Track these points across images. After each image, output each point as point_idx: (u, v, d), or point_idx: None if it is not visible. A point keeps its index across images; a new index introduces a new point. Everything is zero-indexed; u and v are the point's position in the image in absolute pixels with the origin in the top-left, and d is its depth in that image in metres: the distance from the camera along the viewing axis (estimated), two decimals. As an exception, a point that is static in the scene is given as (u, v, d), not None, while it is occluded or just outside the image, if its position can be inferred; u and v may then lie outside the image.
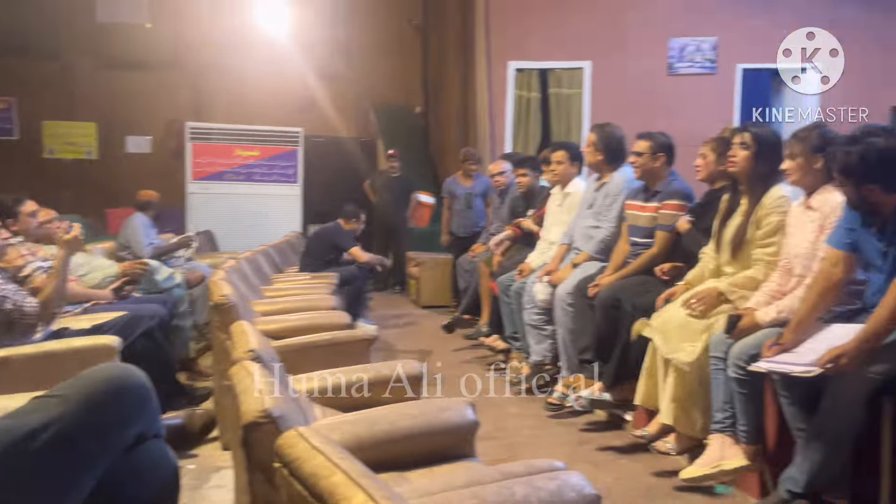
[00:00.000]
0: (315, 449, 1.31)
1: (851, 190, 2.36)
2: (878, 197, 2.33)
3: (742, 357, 2.66)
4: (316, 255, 5.97)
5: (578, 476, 1.82)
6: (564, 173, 4.60)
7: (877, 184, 2.31)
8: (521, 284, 4.52)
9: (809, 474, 2.41)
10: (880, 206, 2.34)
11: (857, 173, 2.32)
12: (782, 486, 2.48)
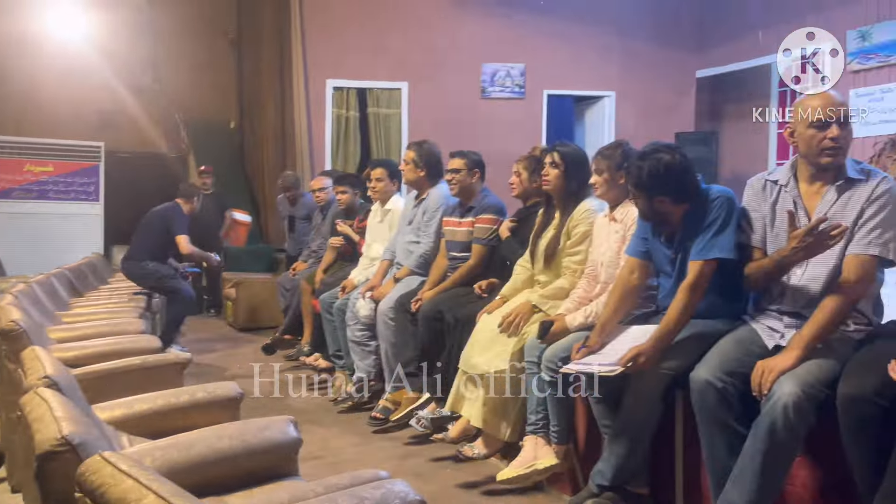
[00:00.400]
0: (123, 473, 1.22)
1: (644, 202, 2.57)
2: (668, 207, 2.56)
3: (553, 360, 2.81)
4: (145, 243, 5.51)
5: (402, 483, 1.83)
6: (385, 190, 4.66)
7: (666, 195, 2.54)
8: (343, 301, 4.49)
9: (615, 467, 2.58)
10: (669, 216, 2.58)
11: (647, 186, 2.53)
12: (592, 481, 2.64)
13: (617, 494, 2.59)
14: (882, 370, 2.01)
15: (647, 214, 2.60)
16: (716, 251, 2.43)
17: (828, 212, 2.28)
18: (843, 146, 2.27)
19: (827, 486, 2.28)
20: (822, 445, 2.23)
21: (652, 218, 2.60)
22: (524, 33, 8.24)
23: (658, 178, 2.51)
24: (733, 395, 2.25)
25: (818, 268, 2.29)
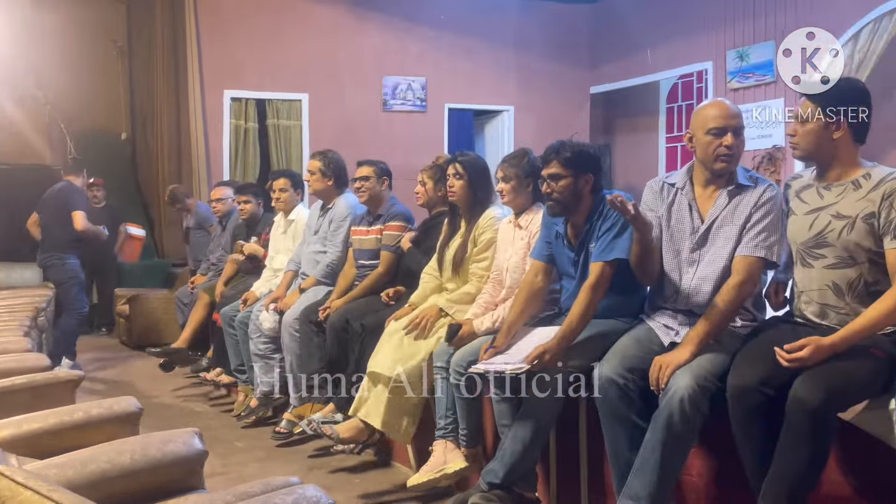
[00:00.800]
0: (20, 485, 1.16)
1: (570, 182, 2.64)
2: (587, 190, 2.67)
3: (462, 364, 2.86)
4: (55, 231, 5.36)
5: (314, 488, 1.82)
6: (289, 200, 4.61)
7: (592, 174, 2.68)
8: (246, 314, 4.39)
9: (508, 466, 2.62)
10: (582, 203, 2.67)
11: (577, 164, 2.65)
12: (483, 479, 2.68)
13: (505, 493, 2.63)
14: (767, 362, 2.15)
15: (568, 197, 2.66)
16: (616, 252, 2.54)
17: (719, 215, 2.43)
18: (735, 154, 2.42)
19: (720, 474, 2.41)
20: (715, 437, 2.35)
21: (570, 201, 2.67)
22: (425, 48, 8.34)
23: (588, 158, 2.68)
24: (634, 391, 2.35)
25: (709, 268, 2.43)
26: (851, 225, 2.19)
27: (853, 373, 2.07)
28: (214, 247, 5.62)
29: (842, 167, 2.28)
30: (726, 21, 7.27)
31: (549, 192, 2.67)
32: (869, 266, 2.19)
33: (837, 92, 2.27)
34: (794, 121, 2.32)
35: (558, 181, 2.65)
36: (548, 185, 2.67)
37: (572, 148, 2.67)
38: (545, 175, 2.68)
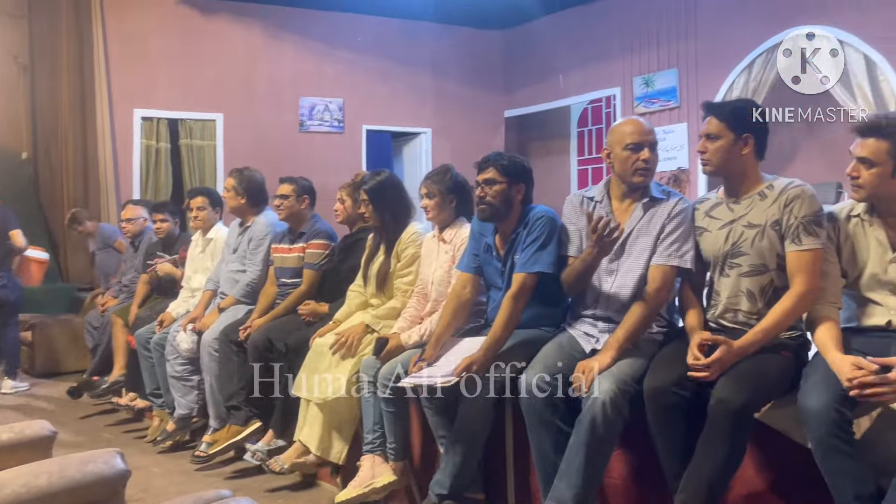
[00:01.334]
0: None
1: (504, 189, 2.73)
2: (518, 199, 2.76)
3: (390, 377, 2.88)
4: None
5: (248, 500, 1.81)
6: (207, 219, 4.52)
7: (524, 184, 2.79)
8: (162, 336, 4.27)
9: (453, 476, 2.66)
10: (512, 211, 2.76)
11: (512, 173, 2.75)
12: (431, 491, 2.70)
13: (455, 502, 2.67)
14: (681, 366, 2.27)
15: (500, 203, 2.74)
16: (538, 266, 2.63)
17: (635, 226, 2.55)
18: (651, 168, 2.56)
19: (640, 476, 2.51)
20: (635, 440, 2.45)
21: (502, 207, 2.74)
22: (343, 69, 8.37)
23: (522, 169, 2.78)
24: (558, 397, 2.42)
25: (626, 276, 2.55)
26: (762, 233, 2.35)
27: (769, 374, 2.22)
28: (127, 268, 5.43)
29: (748, 181, 2.44)
30: (633, 49, 7.62)
31: (483, 197, 2.75)
32: (778, 272, 2.35)
33: (741, 111, 2.44)
34: (703, 139, 2.46)
35: (493, 186, 2.73)
36: (482, 190, 2.74)
37: (509, 157, 2.78)
38: (480, 180, 2.76)
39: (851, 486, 1.98)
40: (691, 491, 2.19)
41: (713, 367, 2.19)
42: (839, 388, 2.02)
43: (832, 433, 1.98)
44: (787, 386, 2.26)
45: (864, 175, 2.17)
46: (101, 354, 5.09)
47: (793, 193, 2.33)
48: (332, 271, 3.79)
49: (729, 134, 2.40)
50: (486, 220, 2.79)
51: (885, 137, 2.14)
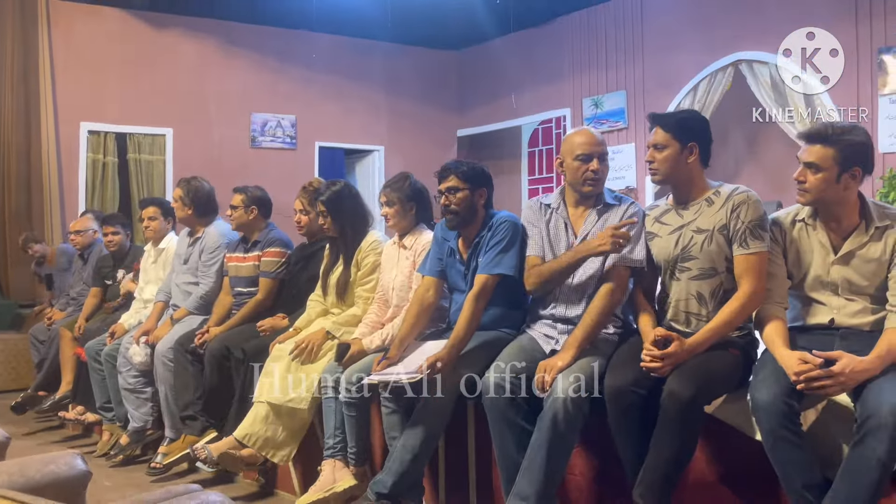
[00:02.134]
0: None
1: (467, 195, 2.80)
2: (480, 203, 2.84)
3: (352, 381, 2.89)
4: None
5: (217, 494, 1.81)
6: (158, 229, 4.47)
7: (486, 188, 2.85)
8: (114, 347, 4.19)
9: (397, 476, 2.67)
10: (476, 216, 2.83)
11: (473, 180, 2.82)
12: (371, 489, 2.71)
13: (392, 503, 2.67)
14: (637, 365, 2.35)
15: (465, 209, 2.81)
16: (501, 268, 2.70)
17: (590, 231, 2.64)
18: (601, 177, 2.66)
19: (600, 472, 2.59)
20: (595, 437, 2.53)
21: (467, 213, 2.81)
22: (295, 86, 8.38)
23: (482, 174, 2.85)
24: (520, 396, 2.48)
25: (583, 279, 2.63)
26: (710, 237, 2.45)
27: (717, 369, 2.32)
28: (75, 281, 5.31)
29: (695, 188, 2.55)
30: (582, 71, 7.84)
31: (447, 205, 2.80)
32: (727, 274, 2.45)
33: (686, 122, 2.56)
34: (651, 149, 2.57)
35: (455, 193, 2.79)
36: (446, 198, 2.80)
37: (468, 164, 2.85)
38: (443, 189, 2.81)
39: (800, 476, 2.08)
40: (647, 483, 2.27)
41: (666, 361, 2.27)
42: (787, 382, 2.12)
43: (781, 424, 2.08)
44: (736, 382, 2.37)
45: (810, 180, 2.29)
46: (46, 369, 4.95)
47: (739, 199, 2.45)
48: (290, 282, 3.79)
49: (675, 143, 2.51)
50: (454, 228, 2.85)
51: (831, 144, 2.26)
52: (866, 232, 2.29)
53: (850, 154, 2.25)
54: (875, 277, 2.28)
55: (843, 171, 2.25)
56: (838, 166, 2.25)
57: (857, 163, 2.26)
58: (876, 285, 2.28)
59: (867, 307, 2.29)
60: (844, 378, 2.06)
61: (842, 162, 2.25)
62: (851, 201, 2.30)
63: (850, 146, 2.25)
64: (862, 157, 2.27)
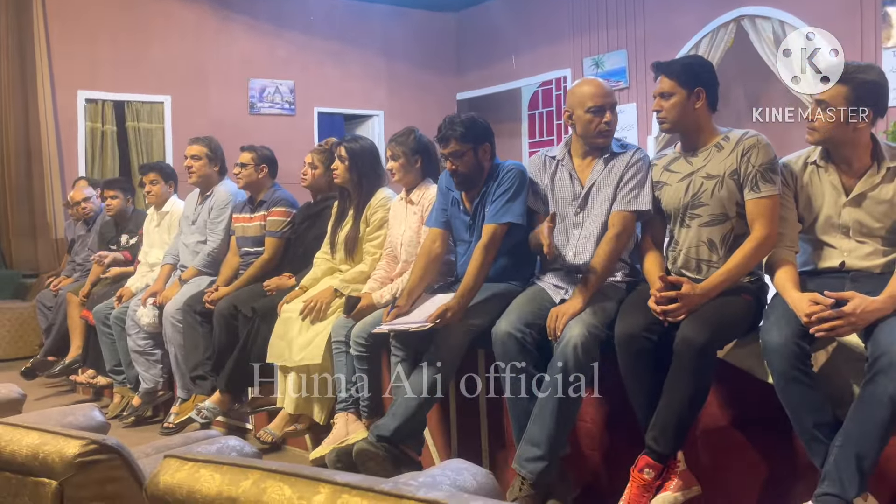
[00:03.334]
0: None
1: (470, 152, 2.78)
2: (485, 158, 2.81)
3: (362, 335, 2.91)
4: None
5: (236, 438, 1.83)
6: (160, 193, 4.47)
7: (489, 143, 2.82)
8: (122, 311, 4.21)
9: (400, 420, 2.67)
10: (482, 170, 2.81)
11: (475, 135, 2.78)
12: (372, 432, 2.71)
13: (392, 448, 2.67)
14: (648, 311, 2.36)
15: (472, 169, 2.79)
16: (508, 216, 2.70)
17: (597, 179, 2.64)
18: (613, 129, 2.65)
19: (611, 419, 2.61)
20: (606, 385, 2.55)
21: (475, 173, 2.80)
22: (293, 51, 8.30)
23: (480, 128, 2.81)
24: (531, 344, 2.50)
25: (591, 227, 2.63)
26: (721, 182, 2.45)
27: (729, 315, 2.32)
28: (80, 247, 5.31)
29: (704, 134, 2.53)
30: (583, 31, 7.76)
31: (455, 169, 2.79)
32: (737, 220, 2.45)
33: (690, 67, 2.53)
34: (657, 98, 2.55)
35: (461, 157, 2.77)
36: (451, 163, 2.79)
37: (463, 123, 2.79)
38: (446, 153, 2.80)
39: (811, 416, 2.10)
40: (660, 428, 2.28)
41: (681, 304, 2.28)
42: (798, 324, 2.13)
43: (792, 365, 2.09)
44: (748, 327, 2.38)
45: (819, 118, 2.28)
46: (55, 334, 4.97)
47: (749, 143, 2.43)
48: (296, 240, 3.80)
49: (681, 90, 2.48)
50: (466, 189, 2.84)
51: (844, 82, 2.24)
52: (878, 173, 2.28)
53: (863, 93, 2.23)
54: (886, 219, 2.28)
55: (856, 110, 2.23)
56: (851, 105, 2.23)
57: (869, 103, 2.24)
58: (887, 227, 2.28)
59: (878, 249, 2.30)
60: (856, 318, 2.07)
61: (854, 101, 2.22)
62: (863, 142, 2.29)
63: (864, 84, 2.23)
64: (874, 97, 2.25)
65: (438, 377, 2.67)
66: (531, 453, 2.41)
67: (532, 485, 2.40)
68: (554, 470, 2.43)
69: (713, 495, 2.38)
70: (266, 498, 0.96)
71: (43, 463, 1.21)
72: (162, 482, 1.06)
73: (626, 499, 2.27)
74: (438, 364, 2.66)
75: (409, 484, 0.99)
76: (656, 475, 2.27)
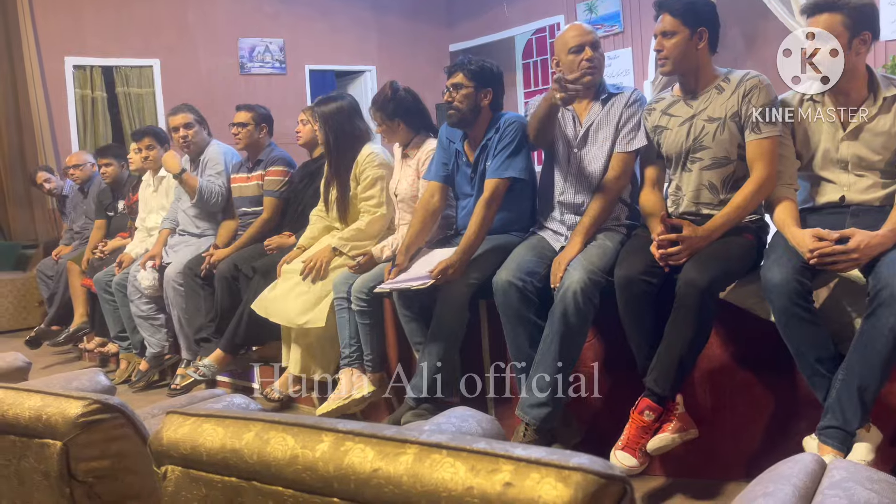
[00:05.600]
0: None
1: (472, 95, 2.76)
2: (485, 104, 2.80)
3: (363, 290, 2.91)
4: None
5: (241, 396, 1.85)
6: (156, 158, 4.42)
7: (492, 88, 2.80)
8: (123, 276, 4.21)
9: (428, 378, 2.72)
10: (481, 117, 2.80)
11: (479, 79, 2.76)
12: (408, 396, 2.77)
13: (432, 405, 2.72)
14: (648, 255, 2.35)
15: (467, 107, 2.77)
16: (511, 171, 2.68)
17: (595, 119, 2.62)
18: (597, 65, 2.61)
19: (612, 363, 2.63)
20: (606, 329, 2.56)
21: (468, 112, 2.77)
22: (281, 8, 8.15)
23: (490, 74, 2.79)
24: (532, 292, 2.50)
25: (590, 167, 2.62)
26: (723, 125, 2.41)
27: (732, 255, 2.31)
28: (77, 215, 5.30)
29: (705, 75, 2.49)
30: (575, -26, 7.61)
31: (450, 102, 2.76)
32: (738, 162, 2.43)
33: (693, 6, 2.47)
34: (659, 37, 2.49)
35: (459, 90, 2.75)
36: (449, 95, 2.76)
37: (477, 62, 2.78)
38: (448, 85, 2.77)
39: (813, 351, 2.10)
40: (661, 369, 2.28)
41: (683, 246, 2.27)
42: (799, 261, 2.13)
43: (794, 302, 2.09)
44: (750, 266, 2.37)
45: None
46: (57, 303, 4.98)
47: (750, 84, 2.39)
48: (294, 199, 3.77)
49: (684, 29, 2.43)
50: (455, 125, 2.81)
51: (837, 10, 2.20)
52: (875, 104, 2.25)
53: (859, 18, 2.19)
54: (885, 151, 2.25)
55: (853, 37, 2.20)
56: (848, 31, 2.19)
57: (866, 26, 2.20)
58: (886, 159, 2.26)
59: (877, 182, 2.28)
60: (858, 254, 2.06)
61: (851, 27, 2.19)
62: (860, 72, 2.26)
63: (857, 9, 2.20)
64: (870, 20, 2.22)
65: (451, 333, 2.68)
66: (534, 399, 2.43)
67: (536, 430, 2.43)
68: (557, 415, 2.46)
69: (713, 436, 2.40)
70: (269, 448, 0.97)
71: (46, 424, 1.22)
72: (165, 438, 1.06)
73: (625, 439, 2.29)
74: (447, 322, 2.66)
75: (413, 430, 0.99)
76: (655, 417, 2.28)
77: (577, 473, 0.79)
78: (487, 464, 0.83)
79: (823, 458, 1.38)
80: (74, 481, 1.23)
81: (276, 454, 0.96)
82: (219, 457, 1.00)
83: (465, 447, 0.86)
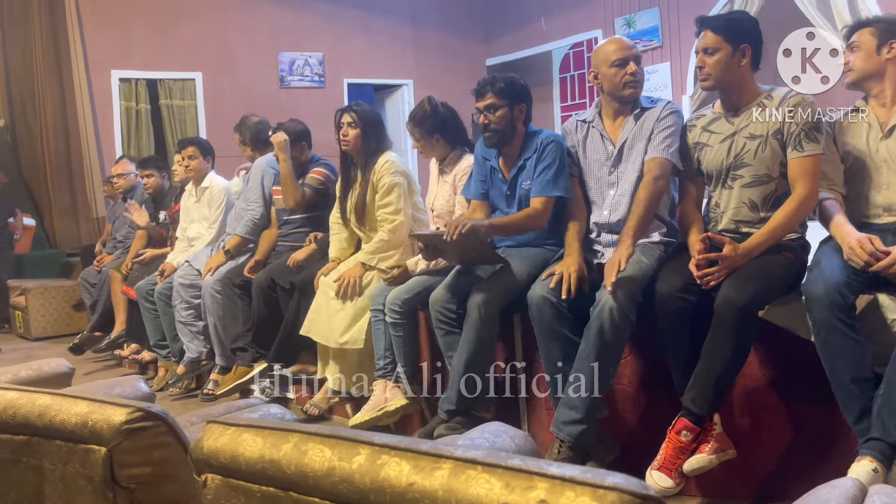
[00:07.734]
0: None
1: (506, 112, 2.77)
2: (520, 119, 2.81)
3: (396, 302, 2.93)
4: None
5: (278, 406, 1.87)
6: (199, 168, 4.51)
7: (525, 103, 2.82)
8: (165, 285, 4.29)
9: (460, 392, 2.71)
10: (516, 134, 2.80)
11: (511, 95, 2.77)
12: (441, 408, 2.77)
13: (464, 419, 2.71)
14: (687, 272, 2.33)
15: (505, 126, 2.78)
16: (557, 190, 2.69)
17: (629, 136, 2.61)
18: (640, 80, 2.61)
19: (648, 381, 2.60)
20: (643, 346, 2.54)
21: (507, 130, 2.78)
22: (320, 22, 8.28)
23: (520, 88, 2.81)
24: (565, 307, 2.48)
25: (626, 183, 2.61)
26: (765, 142, 2.39)
27: (772, 274, 2.28)
28: (120, 224, 5.42)
29: (747, 92, 2.47)
30: (613, -11, 7.60)
31: (487, 124, 2.77)
32: (780, 180, 2.41)
33: (736, 23, 2.47)
34: (701, 54, 2.48)
35: (495, 112, 2.76)
36: (484, 117, 2.77)
37: (504, 79, 2.79)
38: (481, 107, 2.78)
39: (849, 369, 2.06)
40: (699, 389, 2.25)
41: (722, 265, 2.25)
42: (843, 275, 2.10)
43: (834, 314, 2.05)
44: (790, 285, 2.34)
45: (852, 60, 2.38)
46: (100, 311, 5.09)
47: (794, 101, 2.38)
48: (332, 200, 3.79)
49: (727, 46, 2.42)
50: (494, 146, 2.82)
51: (869, 25, 2.39)
52: None
53: (887, 27, 2.36)
54: None
55: (881, 44, 2.33)
56: (876, 39, 2.33)
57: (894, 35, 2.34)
58: None
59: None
60: None
61: (879, 35, 2.33)
62: (892, 72, 2.36)
63: (890, 23, 2.37)
64: None
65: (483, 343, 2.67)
66: (569, 416, 2.41)
67: (570, 447, 2.41)
68: (592, 433, 2.44)
69: (751, 457, 2.37)
70: (307, 459, 0.98)
71: (92, 430, 1.25)
72: (206, 447, 1.09)
73: (661, 459, 2.27)
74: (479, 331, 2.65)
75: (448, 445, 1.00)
76: (693, 437, 2.25)
77: (612, 493, 0.79)
78: (522, 481, 0.84)
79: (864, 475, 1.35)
80: (118, 487, 1.26)
81: (314, 465, 0.97)
82: (258, 466, 1.02)
83: (501, 463, 0.87)
